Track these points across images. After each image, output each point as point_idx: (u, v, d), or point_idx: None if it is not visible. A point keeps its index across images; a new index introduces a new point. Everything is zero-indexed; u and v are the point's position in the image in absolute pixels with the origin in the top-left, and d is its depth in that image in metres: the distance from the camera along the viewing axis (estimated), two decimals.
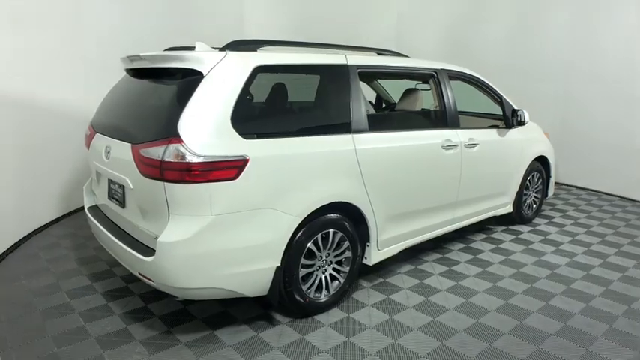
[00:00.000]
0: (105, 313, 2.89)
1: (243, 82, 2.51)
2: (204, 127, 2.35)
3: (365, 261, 3.19)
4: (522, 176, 4.51)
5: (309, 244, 2.76)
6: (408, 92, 3.96)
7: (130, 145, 2.55)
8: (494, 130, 4.15)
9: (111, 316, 2.85)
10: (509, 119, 4.26)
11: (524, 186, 4.58)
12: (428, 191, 3.50)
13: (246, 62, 2.57)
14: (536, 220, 4.94)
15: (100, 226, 2.96)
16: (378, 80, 4.95)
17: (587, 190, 6.32)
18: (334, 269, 2.98)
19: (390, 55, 3.68)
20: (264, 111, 2.62)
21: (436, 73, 3.69)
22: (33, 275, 3.39)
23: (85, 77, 4.61)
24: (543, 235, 4.49)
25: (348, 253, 3.02)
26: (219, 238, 2.38)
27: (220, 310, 2.93)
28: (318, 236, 2.81)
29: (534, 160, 4.67)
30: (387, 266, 3.63)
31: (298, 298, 2.77)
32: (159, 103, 2.57)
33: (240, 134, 2.44)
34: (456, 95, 4.04)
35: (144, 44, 4.10)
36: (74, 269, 3.51)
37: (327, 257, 2.92)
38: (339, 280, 3.01)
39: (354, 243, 3.01)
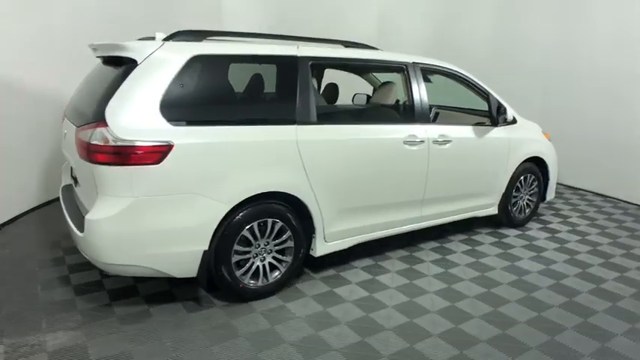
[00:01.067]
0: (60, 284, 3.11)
1: (176, 71, 2.60)
2: (130, 112, 2.46)
3: (311, 252, 3.21)
4: (510, 177, 4.30)
5: (244, 232, 2.82)
6: (383, 85, 3.89)
7: (74, 127, 2.72)
8: (474, 128, 3.98)
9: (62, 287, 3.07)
10: (495, 117, 4.07)
11: (512, 187, 4.36)
12: (386, 187, 3.43)
13: (181, 52, 2.65)
14: (530, 224, 4.69)
15: (62, 202, 3.18)
16: (372, 74, 4.88)
17: (606, 196, 5.89)
18: (275, 258, 3.02)
19: (359, 47, 3.63)
20: (200, 99, 2.69)
21: (406, 66, 3.60)
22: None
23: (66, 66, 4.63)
24: (529, 240, 4.26)
25: (291, 244, 3.04)
26: (142, 219, 2.49)
27: (165, 290, 3.07)
28: (255, 224, 2.86)
29: (528, 160, 4.44)
30: (348, 260, 3.61)
31: (231, 283, 2.84)
32: (100, 89, 2.71)
33: (168, 120, 2.53)
34: (449, 91, 3.91)
35: (128, 33, 4.18)
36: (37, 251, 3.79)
37: (265, 246, 2.96)
38: (279, 270, 3.04)
39: (296, 234, 3.03)
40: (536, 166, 4.55)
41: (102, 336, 2.55)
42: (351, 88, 4.51)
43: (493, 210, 4.34)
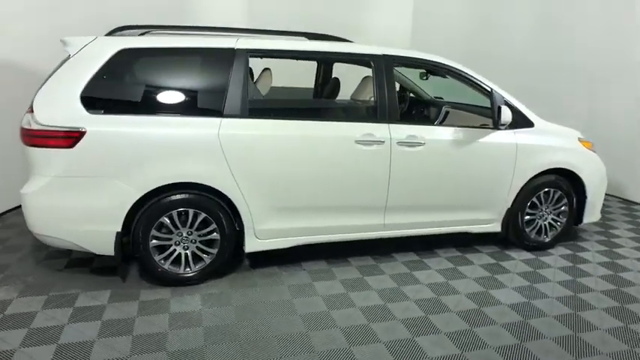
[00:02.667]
0: None
1: (102, 63, 2.80)
2: (53, 100, 2.73)
3: (244, 247, 3.17)
4: (519, 190, 3.65)
5: (162, 219, 2.92)
6: (362, 80, 3.62)
7: None
8: (464, 130, 3.47)
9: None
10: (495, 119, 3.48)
11: (525, 203, 3.69)
12: (333, 189, 3.20)
13: (109, 45, 2.84)
14: (555, 249, 3.91)
15: None
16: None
17: None
18: (199, 249, 3.06)
19: (326, 40, 3.43)
20: (123, 90, 2.85)
21: (372, 59, 3.29)
22: None
23: None
24: (534, 267, 3.57)
25: (216, 236, 3.05)
26: (59, 196, 2.76)
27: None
28: (174, 213, 2.94)
29: (551, 172, 3.71)
30: (306, 259, 3.49)
31: (149, 266, 2.97)
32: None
33: (87, 109, 2.74)
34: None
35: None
36: None
37: (188, 235, 3.03)
38: (204, 260, 3.08)
39: (221, 226, 3.03)
40: (565, 180, 3.78)
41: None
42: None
43: (494, 227, 3.73)
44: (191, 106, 2.96)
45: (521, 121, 3.62)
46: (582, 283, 3.34)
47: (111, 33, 3.00)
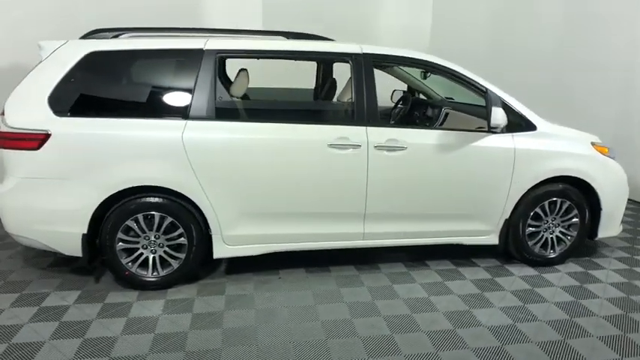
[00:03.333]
0: None
1: (70, 67, 2.83)
2: (22, 103, 2.79)
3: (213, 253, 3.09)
4: (518, 199, 3.32)
5: (128, 222, 2.91)
6: (348, 81, 3.43)
7: None
8: (454, 134, 3.20)
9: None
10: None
11: (526, 213, 3.36)
12: (305, 195, 3.05)
13: (78, 49, 2.86)
14: (566, 265, 3.53)
15: None
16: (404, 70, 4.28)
17: None
18: (167, 253, 3.02)
19: (305, 39, 3.28)
20: (90, 92, 2.85)
21: (350, 57, 3.11)
22: None
23: None
24: (533, 285, 3.22)
25: (184, 240, 3.00)
26: (27, 197, 2.81)
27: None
28: (140, 216, 2.92)
29: (559, 181, 3.35)
30: (258, 270, 3.36)
31: (116, 269, 2.97)
32: None
33: (54, 111, 2.78)
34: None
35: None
36: None
37: (156, 239, 2.99)
38: (172, 265, 3.04)
39: (189, 231, 2.98)
40: (575, 189, 3.40)
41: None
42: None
43: (490, 239, 3.42)
44: (157, 108, 2.93)
45: (521, 124, 3.29)
46: (584, 305, 2.97)
47: (85, 36, 3.02)
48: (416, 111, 4.32)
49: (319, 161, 3.01)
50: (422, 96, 4.55)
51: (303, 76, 4.58)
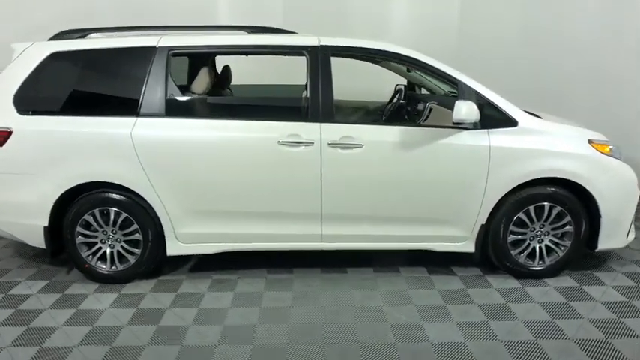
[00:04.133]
0: None
1: (33, 67, 2.96)
2: None
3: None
4: (496, 203, 2.99)
5: (85, 217, 3.00)
6: None
7: None
8: (419, 130, 2.95)
9: None
10: None
11: (508, 219, 3.02)
12: (256, 193, 2.96)
13: (41, 51, 2.99)
14: (554, 279, 3.13)
15: None
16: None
17: None
18: (124, 248, 3.08)
19: (267, 32, 3.18)
20: (50, 91, 2.96)
21: (306, 50, 2.96)
22: None
23: None
24: (508, 299, 2.89)
25: (139, 236, 3.04)
26: None
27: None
28: (97, 211, 3.00)
29: (547, 183, 2.98)
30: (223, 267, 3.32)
31: (77, 262, 3.08)
32: None
33: (17, 110, 2.93)
34: None
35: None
36: None
37: (113, 234, 3.06)
38: (129, 260, 3.09)
39: (143, 227, 3.01)
40: (568, 194, 3.00)
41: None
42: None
43: (464, 246, 3.11)
44: (111, 106, 2.98)
45: (498, 119, 2.96)
46: (559, 326, 2.60)
47: (54, 37, 3.15)
48: (409, 107, 4.05)
49: (269, 159, 2.90)
50: (424, 91, 4.26)
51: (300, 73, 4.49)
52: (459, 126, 2.89)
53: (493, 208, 3.01)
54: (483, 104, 2.94)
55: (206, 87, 3.21)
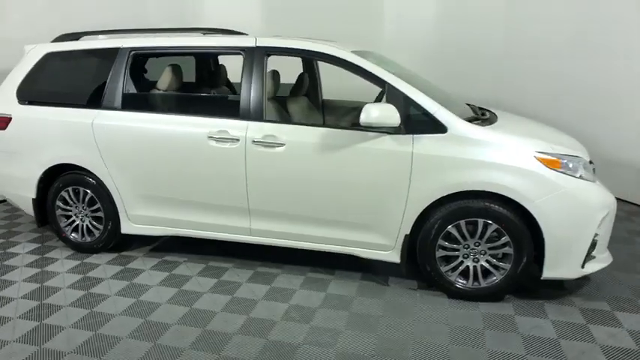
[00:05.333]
0: None
1: (32, 65, 3.55)
2: (2, 94, 3.62)
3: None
4: (419, 213, 2.81)
5: (62, 193, 3.52)
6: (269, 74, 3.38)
7: None
8: (340, 132, 2.90)
9: None
10: None
11: (436, 232, 2.80)
12: (190, 184, 3.17)
13: (39, 51, 3.56)
14: (486, 305, 2.82)
15: None
16: None
17: None
18: (91, 223, 3.54)
19: (220, 34, 3.37)
20: (43, 85, 3.50)
21: (243, 51, 3.08)
22: None
23: None
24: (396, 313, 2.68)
25: (101, 214, 3.47)
26: (1, 166, 3.65)
27: None
28: (70, 189, 3.49)
29: (486, 196, 2.71)
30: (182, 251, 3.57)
31: (56, 231, 3.62)
32: None
33: (19, 100, 3.54)
34: None
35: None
36: None
37: (83, 209, 3.53)
38: (94, 234, 3.54)
39: (103, 206, 3.43)
40: (506, 211, 2.69)
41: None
42: None
43: (390, 256, 2.96)
44: (82, 99, 3.42)
45: (426, 125, 2.77)
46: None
47: (55, 40, 3.72)
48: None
49: (199, 152, 3.09)
50: None
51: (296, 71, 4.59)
52: (381, 130, 2.77)
53: (419, 218, 2.82)
54: (410, 108, 2.77)
55: (169, 84, 3.51)
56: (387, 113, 2.68)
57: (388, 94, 2.82)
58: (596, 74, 4.84)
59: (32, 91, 3.56)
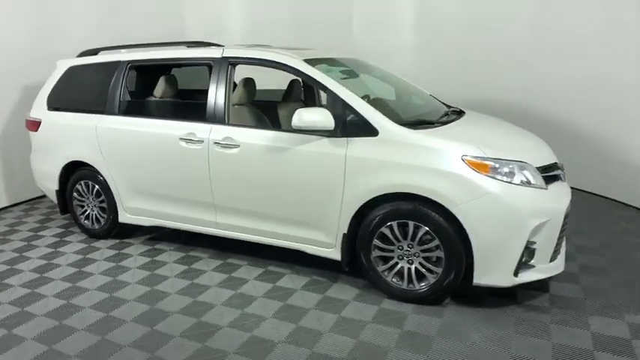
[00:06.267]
0: None
1: (59, 76, 4.21)
2: (37, 102, 4.32)
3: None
4: (354, 213, 2.92)
5: (77, 186, 4.13)
6: (241, 81, 3.68)
7: None
8: (284, 134, 3.12)
9: None
10: None
11: (372, 232, 2.89)
12: (168, 181, 3.58)
13: (65, 64, 4.21)
14: (416, 307, 2.84)
15: None
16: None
17: None
18: (99, 213, 4.10)
19: (199, 46, 3.75)
20: (65, 94, 4.12)
21: (212, 62, 3.42)
22: None
23: None
24: (336, 316, 2.76)
25: (105, 205, 4.02)
26: (37, 162, 4.36)
27: None
28: (82, 183, 4.09)
29: (415, 198, 2.76)
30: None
31: (74, 218, 4.24)
32: None
33: (48, 107, 4.22)
34: None
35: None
36: None
37: (93, 201, 4.10)
38: (101, 222, 4.10)
39: (107, 198, 3.97)
40: (433, 214, 2.70)
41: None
42: None
43: (332, 253, 3.09)
44: (93, 105, 3.96)
45: (360, 128, 2.88)
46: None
47: (80, 55, 4.36)
48: None
49: (173, 152, 3.49)
50: None
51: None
52: (316, 133, 2.93)
53: (355, 218, 2.93)
54: (347, 112, 2.90)
55: (163, 92, 3.97)
56: (319, 117, 2.84)
57: (329, 98, 2.97)
58: (624, 77, 4.48)
59: (57, 99, 4.23)
